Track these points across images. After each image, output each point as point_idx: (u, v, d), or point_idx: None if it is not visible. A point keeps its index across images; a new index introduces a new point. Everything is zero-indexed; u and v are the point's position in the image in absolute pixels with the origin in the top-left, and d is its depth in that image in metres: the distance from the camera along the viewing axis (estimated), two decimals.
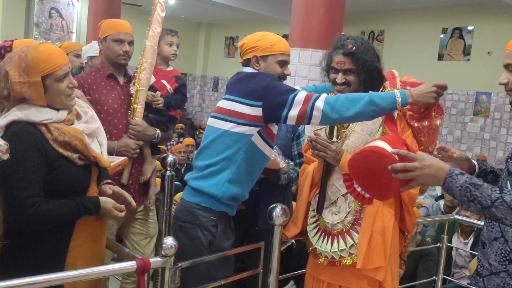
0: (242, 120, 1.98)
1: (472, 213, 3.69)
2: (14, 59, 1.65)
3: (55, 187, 1.69)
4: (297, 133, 2.64)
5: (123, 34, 2.45)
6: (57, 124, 1.71)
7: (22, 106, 1.67)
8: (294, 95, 1.90)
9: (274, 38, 2.11)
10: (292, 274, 2.60)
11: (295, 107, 1.89)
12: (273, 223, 2.19)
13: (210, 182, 2.02)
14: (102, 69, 2.50)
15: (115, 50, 2.44)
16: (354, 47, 1.96)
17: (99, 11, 7.21)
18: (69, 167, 1.71)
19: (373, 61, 1.99)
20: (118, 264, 1.80)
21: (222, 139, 2.01)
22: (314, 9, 4.13)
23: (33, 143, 1.64)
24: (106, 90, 2.46)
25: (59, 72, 1.68)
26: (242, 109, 1.97)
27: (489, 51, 7.79)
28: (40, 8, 9.60)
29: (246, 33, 11.43)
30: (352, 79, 1.99)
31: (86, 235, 1.79)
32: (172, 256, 1.81)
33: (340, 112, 1.83)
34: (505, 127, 7.70)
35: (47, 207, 1.64)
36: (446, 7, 8.12)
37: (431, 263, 3.37)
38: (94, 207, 1.75)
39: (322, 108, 1.85)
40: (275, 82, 1.97)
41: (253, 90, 1.97)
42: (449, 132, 8.27)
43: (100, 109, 2.39)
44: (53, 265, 1.67)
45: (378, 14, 8.94)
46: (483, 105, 7.91)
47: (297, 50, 4.24)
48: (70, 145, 1.70)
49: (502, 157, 7.69)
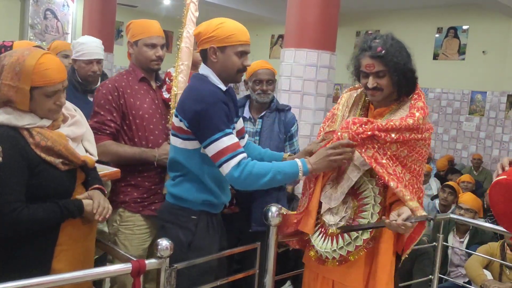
0: (183, 135, 1.95)
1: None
2: (12, 59, 1.63)
3: (38, 192, 1.66)
4: (289, 133, 2.65)
5: (156, 38, 2.35)
6: (40, 128, 1.68)
7: (4, 109, 1.64)
8: (222, 135, 1.85)
9: (232, 27, 1.95)
10: (288, 275, 2.59)
11: (215, 146, 1.85)
12: (269, 224, 2.19)
13: (183, 188, 2.01)
14: (133, 72, 2.38)
15: (148, 56, 2.34)
16: (383, 50, 1.82)
17: (94, 12, 7.19)
18: (52, 172, 1.69)
19: (406, 62, 1.83)
20: (113, 266, 1.80)
21: (177, 154, 1.99)
22: (309, 9, 4.13)
23: (15, 147, 1.61)
24: (140, 94, 2.35)
25: (49, 88, 1.65)
26: (180, 124, 1.94)
27: (484, 50, 7.82)
28: (35, 9, 9.56)
29: None
30: (384, 83, 1.85)
31: (72, 239, 1.76)
32: (167, 258, 1.81)
33: (244, 186, 1.89)
34: (500, 125, 7.73)
35: (28, 212, 1.62)
36: (441, 6, 8.15)
37: (427, 262, 3.38)
38: (77, 210, 1.73)
39: (228, 172, 1.84)
40: (209, 111, 1.87)
41: (185, 109, 1.91)
42: (444, 131, 8.30)
43: (135, 114, 2.30)
44: (39, 270, 1.63)
45: (373, 14, 8.96)
46: (478, 104, 7.94)
47: (292, 50, 4.24)
48: (53, 150, 1.68)
49: (498, 155, 7.72)
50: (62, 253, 1.73)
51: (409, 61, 1.86)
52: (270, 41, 11.02)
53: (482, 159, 7.47)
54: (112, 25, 7.35)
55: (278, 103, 2.73)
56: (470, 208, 3.88)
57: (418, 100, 1.87)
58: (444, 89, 8.26)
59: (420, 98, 1.88)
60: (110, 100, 2.27)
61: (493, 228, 3.47)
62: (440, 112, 8.22)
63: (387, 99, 1.93)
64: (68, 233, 1.75)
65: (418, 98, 1.88)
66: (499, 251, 3.45)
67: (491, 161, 7.78)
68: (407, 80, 1.86)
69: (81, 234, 1.81)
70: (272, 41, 11.00)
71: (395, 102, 1.93)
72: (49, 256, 1.71)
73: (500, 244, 3.49)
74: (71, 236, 1.76)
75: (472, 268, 3.43)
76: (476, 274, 3.38)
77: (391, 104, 1.94)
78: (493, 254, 3.42)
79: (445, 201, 4.58)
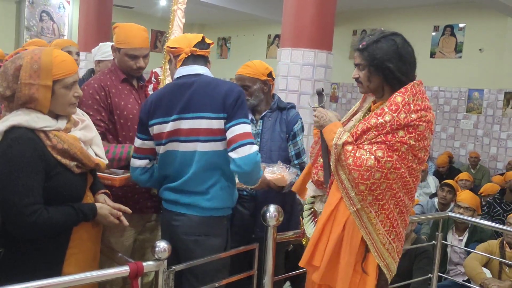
0: (220, 137, 2.06)
1: None
2: (27, 59, 1.63)
3: (52, 194, 1.67)
4: (292, 132, 2.54)
5: (138, 50, 2.32)
6: (56, 131, 1.69)
7: (22, 111, 1.65)
8: (248, 122, 2.07)
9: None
10: (288, 275, 2.58)
11: (245, 127, 2.02)
12: (267, 225, 2.19)
13: (218, 198, 2.10)
14: (115, 72, 2.38)
15: (128, 65, 2.34)
16: (365, 44, 1.87)
17: (91, 13, 7.17)
18: (67, 175, 1.70)
19: (386, 60, 1.83)
20: (111, 269, 1.78)
21: (218, 159, 2.08)
22: (305, 9, 4.13)
23: (34, 149, 1.62)
24: (124, 94, 2.36)
25: (69, 79, 1.69)
26: (219, 123, 2.08)
27: (480, 48, 7.82)
28: (31, 11, 9.53)
29: (238, 33, 11.51)
30: (362, 76, 1.90)
31: (83, 242, 1.77)
32: (165, 260, 1.80)
33: (254, 172, 2.00)
34: (498, 123, 7.73)
35: (48, 215, 1.62)
36: (437, 4, 8.15)
37: (426, 261, 3.37)
38: (91, 213, 1.74)
39: (252, 153, 1.96)
40: (243, 96, 2.11)
41: (226, 95, 2.06)
42: (442, 129, 8.30)
43: (120, 114, 2.30)
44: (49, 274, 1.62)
45: (369, 12, 8.96)
46: (475, 102, 7.94)
47: (289, 50, 4.24)
48: (69, 153, 1.69)
49: (495, 153, 7.73)
50: (72, 256, 1.74)
51: (393, 61, 1.83)
52: (266, 41, 11.02)
53: (479, 157, 7.48)
54: (108, 26, 7.33)
55: (281, 102, 2.64)
56: (468, 206, 3.87)
57: (398, 95, 1.81)
58: (441, 87, 8.26)
59: (402, 93, 1.81)
60: (98, 100, 2.27)
61: (492, 226, 3.48)
62: (437, 110, 8.22)
63: (377, 96, 1.96)
64: (80, 236, 1.75)
65: (399, 94, 1.81)
66: (498, 249, 3.44)
67: (489, 159, 7.79)
68: (386, 77, 1.86)
69: (91, 237, 1.82)
70: (268, 41, 11.00)
71: (381, 99, 1.93)
72: (60, 260, 1.71)
73: (499, 242, 3.49)
74: (81, 239, 1.76)
75: (471, 267, 3.43)
76: (476, 272, 3.37)
77: (380, 100, 1.94)
78: (492, 252, 3.42)
79: (444, 200, 4.58)
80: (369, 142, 1.81)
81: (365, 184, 1.77)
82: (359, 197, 1.80)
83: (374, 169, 1.76)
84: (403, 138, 1.77)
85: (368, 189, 1.78)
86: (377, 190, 1.79)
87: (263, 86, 2.54)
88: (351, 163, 1.78)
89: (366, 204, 1.81)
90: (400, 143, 1.77)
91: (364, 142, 1.82)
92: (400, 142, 1.77)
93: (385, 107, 1.81)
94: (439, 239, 3.03)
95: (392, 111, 1.78)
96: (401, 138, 1.77)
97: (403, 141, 1.77)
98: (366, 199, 1.80)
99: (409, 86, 1.83)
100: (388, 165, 1.77)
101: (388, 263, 1.87)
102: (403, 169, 1.80)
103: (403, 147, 1.78)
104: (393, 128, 1.78)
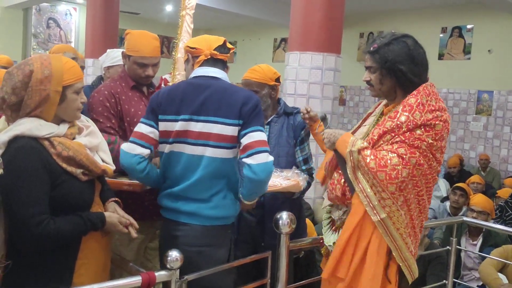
0: (231, 144, 2.03)
1: None
2: (37, 65, 1.61)
3: (58, 203, 1.63)
4: (299, 138, 2.51)
5: (148, 59, 2.29)
6: (60, 138, 1.66)
7: (24, 120, 1.62)
8: (264, 130, 2.04)
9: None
10: (302, 283, 2.54)
11: (261, 134, 1.98)
12: (280, 232, 2.15)
13: (223, 207, 2.04)
14: (125, 79, 2.37)
15: (137, 73, 2.32)
16: (377, 46, 1.85)
17: (97, 20, 7.19)
18: (73, 183, 1.66)
19: (398, 62, 1.81)
20: (122, 279, 1.75)
21: (225, 166, 2.03)
22: (313, 12, 4.10)
23: (38, 158, 1.59)
24: (134, 101, 2.33)
25: (78, 84, 1.70)
26: (234, 130, 2.05)
27: (489, 49, 7.76)
28: (38, 18, 9.59)
29: (244, 38, 11.49)
30: (374, 78, 1.88)
31: (93, 252, 1.74)
32: (177, 269, 1.77)
33: (265, 181, 1.97)
34: (508, 125, 7.65)
35: (55, 225, 1.58)
36: (444, 6, 8.10)
37: (440, 267, 3.31)
38: (100, 222, 1.71)
39: (268, 161, 1.92)
40: (260, 105, 2.08)
41: (244, 103, 2.00)
42: (451, 131, 8.22)
43: (130, 121, 2.28)
44: (59, 286, 1.61)
45: (376, 14, 8.92)
46: (485, 103, 7.87)
47: (297, 54, 4.21)
48: (74, 160, 1.65)
49: (506, 155, 7.64)
50: (83, 267, 1.70)
51: (405, 63, 1.81)
52: (273, 45, 11.01)
53: (490, 159, 7.40)
54: (115, 32, 7.36)
55: (287, 107, 2.60)
56: (482, 210, 3.81)
57: (411, 97, 1.79)
58: (450, 89, 8.20)
59: (414, 95, 1.79)
60: (108, 107, 2.26)
61: (507, 230, 3.41)
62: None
63: (389, 99, 1.94)
64: (89, 246, 1.72)
65: (411, 96, 1.80)
66: None
67: (499, 161, 7.70)
68: (398, 79, 1.84)
69: (101, 246, 1.79)
70: (275, 44, 10.99)
71: (393, 102, 1.91)
72: (70, 270, 1.68)
73: None
74: (91, 249, 1.73)
75: (486, 272, 3.36)
76: (492, 278, 3.31)
77: (392, 103, 1.91)
78: (507, 257, 3.35)
79: (456, 204, 4.51)
80: (387, 143, 1.79)
81: (394, 184, 1.74)
82: (388, 201, 1.76)
83: (400, 167, 1.73)
84: (421, 136, 1.75)
85: (398, 189, 1.75)
86: (406, 190, 1.77)
87: (271, 91, 2.50)
88: (374, 167, 1.75)
89: (397, 207, 1.77)
90: (419, 140, 1.75)
91: (382, 145, 1.80)
92: (419, 140, 1.75)
93: (399, 109, 1.79)
94: (453, 244, 2.97)
95: (406, 111, 1.76)
96: (419, 135, 1.75)
97: (421, 138, 1.75)
98: (397, 201, 1.77)
99: (421, 87, 1.81)
100: (412, 161, 1.74)
101: (410, 264, 1.85)
102: (426, 165, 1.78)
103: (423, 144, 1.75)
104: (409, 128, 1.75)
